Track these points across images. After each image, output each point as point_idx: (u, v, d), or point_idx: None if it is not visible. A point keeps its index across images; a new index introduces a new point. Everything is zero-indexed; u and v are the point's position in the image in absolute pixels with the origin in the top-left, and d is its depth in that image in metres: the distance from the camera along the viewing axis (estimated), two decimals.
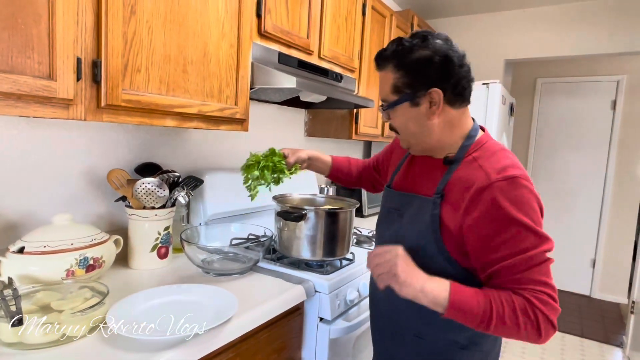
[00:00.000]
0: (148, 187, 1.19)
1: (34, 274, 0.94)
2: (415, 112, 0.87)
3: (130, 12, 0.94)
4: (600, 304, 3.78)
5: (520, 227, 0.75)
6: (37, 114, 0.81)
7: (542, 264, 0.75)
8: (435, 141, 0.90)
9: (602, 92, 3.86)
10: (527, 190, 0.77)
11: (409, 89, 0.85)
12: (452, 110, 0.87)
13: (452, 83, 0.84)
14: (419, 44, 0.84)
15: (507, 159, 0.82)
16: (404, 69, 0.85)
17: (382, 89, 0.92)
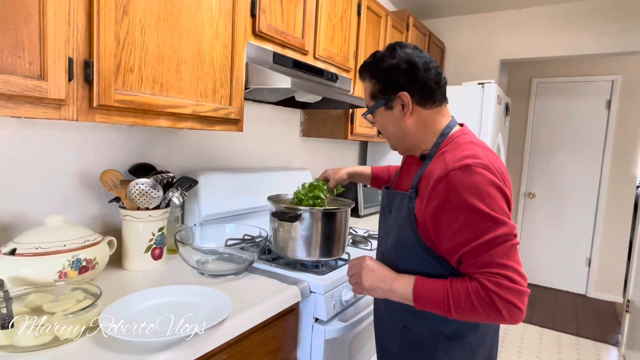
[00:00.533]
0: (142, 188, 1.19)
1: (25, 275, 0.93)
2: (390, 114, 0.97)
3: (122, 12, 0.93)
4: (595, 303, 3.79)
5: (473, 213, 0.79)
6: (29, 114, 0.80)
7: (499, 246, 0.78)
8: (412, 139, 0.98)
9: (597, 92, 3.88)
10: (482, 177, 0.80)
11: (382, 94, 0.96)
12: (424, 110, 0.95)
13: (419, 86, 0.93)
14: (388, 55, 0.95)
15: (469, 150, 0.86)
16: (376, 77, 0.96)
17: (364, 96, 1.03)
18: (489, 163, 0.83)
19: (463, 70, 3.44)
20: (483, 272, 0.78)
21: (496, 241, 0.78)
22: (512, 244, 0.79)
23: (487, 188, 0.80)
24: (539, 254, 4.20)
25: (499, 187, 0.81)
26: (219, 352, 0.93)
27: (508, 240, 0.79)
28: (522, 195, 4.25)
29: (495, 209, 0.79)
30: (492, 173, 0.82)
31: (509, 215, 0.82)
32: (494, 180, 0.81)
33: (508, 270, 0.77)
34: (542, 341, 2.94)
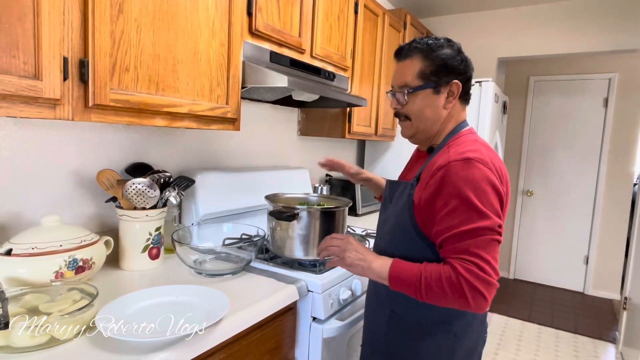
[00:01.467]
0: (138, 188, 1.18)
1: (22, 276, 0.93)
2: (434, 99, 0.97)
3: (117, 10, 0.93)
4: (593, 300, 3.81)
5: (463, 201, 0.83)
6: (23, 114, 0.79)
7: (478, 237, 0.81)
8: (437, 129, 1.00)
9: (595, 90, 3.89)
10: (479, 171, 0.84)
11: (434, 76, 0.96)
12: (459, 105, 1.00)
13: (466, 80, 0.98)
14: (446, 43, 0.97)
15: (472, 145, 0.90)
16: (433, 59, 0.96)
17: (403, 75, 0.99)
18: (488, 160, 0.87)
19: None
20: (458, 258, 0.81)
21: (477, 232, 0.81)
22: (492, 238, 0.82)
23: (481, 182, 0.83)
24: (536, 252, 4.20)
25: (493, 184, 0.84)
26: (216, 352, 0.93)
27: (489, 234, 0.81)
28: (519, 193, 4.25)
29: (484, 203, 0.82)
30: (490, 169, 0.85)
31: (498, 213, 0.84)
32: (490, 177, 0.84)
33: (482, 261, 0.80)
34: (540, 339, 2.95)
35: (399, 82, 1.01)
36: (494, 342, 2.85)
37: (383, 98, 2.43)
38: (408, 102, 1.00)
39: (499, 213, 0.84)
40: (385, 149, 2.82)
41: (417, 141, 1.07)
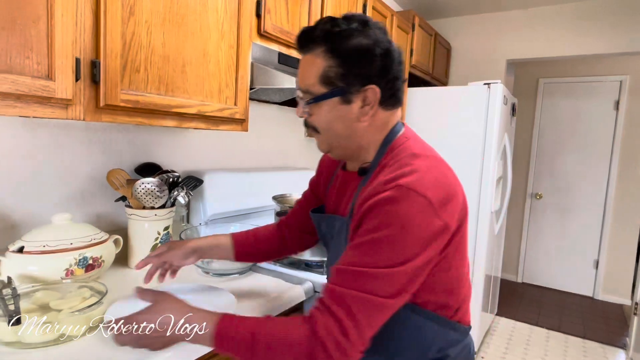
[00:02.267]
0: (147, 187, 1.20)
1: (33, 273, 0.95)
2: (345, 110, 0.74)
3: (129, 12, 0.94)
4: (603, 305, 3.76)
5: (377, 239, 0.64)
6: (37, 114, 0.81)
7: (368, 295, 0.62)
8: (357, 145, 0.79)
9: (605, 92, 3.85)
10: (409, 204, 0.63)
11: (342, 82, 0.72)
12: (383, 112, 0.77)
13: (390, 81, 0.74)
14: (359, 30, 0.71)
15: (407, 164, 0.69)
16: (339, 58, 0.71)
17: (305, 76, 0.76)
18: (427, 184, 0.66)
19: (469, 70, 3.42)
20: (328, 310, 0.63)
21: (372, 284, 0.62)
22: (382, 304, 0.63)
23: (401, 219, 0.63)
24: (545, 256, 4.16)
25: (425, 218, 0.64)
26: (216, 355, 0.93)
27: (382, 296, 0.62)
28: (528, 196, 4.22)
29: (403, 246, 0.63)
30: (425, 197, 0.64)
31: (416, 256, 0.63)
32: (421, 212, 0.63)
33: (355, 326, 0.61)
34: (549, 344, 2.92)
35: (302, 85, 0.78)
36: (502, 346, 2.83)
37: None
38: (312, 113, 0.78)
39: (417, 256, 0.64)
40: None
41: (337, 157, 0.85)
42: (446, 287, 0.75)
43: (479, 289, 2.56)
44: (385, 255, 0.63)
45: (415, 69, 2.76)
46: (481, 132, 2.47)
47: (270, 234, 1.06)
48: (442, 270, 0.72)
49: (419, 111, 2.69)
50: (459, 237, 0.72)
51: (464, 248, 0.77)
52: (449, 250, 0.71)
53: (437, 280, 0.72)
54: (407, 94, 2.67)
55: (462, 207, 0.72)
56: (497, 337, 2.96)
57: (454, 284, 0.76)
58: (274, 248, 1.05)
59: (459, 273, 0.77)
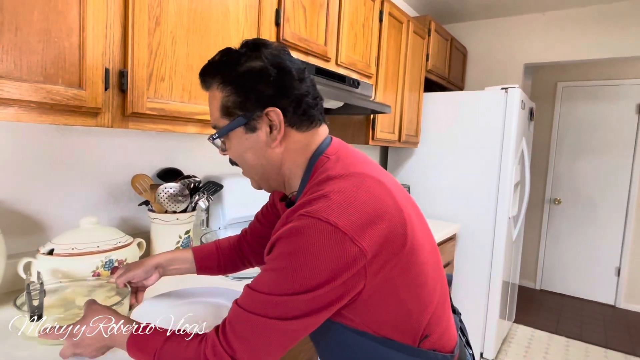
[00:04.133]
0: (170, 192, 1.23)
1: (62, 274, 0.98)
2: (252, 139, 0.72)
3: (155, 23, 0.98)
4: (625, 314, 3.66)
5: (275, 269, 0.62)
6: (68, 122, 0.85)
7: (264, 319, 0.61)
8: (278, 174, 0.76)
9: (626, 96, 3.77)
10: (308, 234, 0.59)
11: (241, 110, 0.70)
12: (298, 133, 0.72)
13: (293, 100, 0.70)
14: (248, 54, 0.70)
15: (316, 192, 0.65)
16: (231, 85, 0.70)
17: (211, 112, 0.75)
18: (334, 208, 0.61)
19: (486, 75, 3.40)
20: (222, 330, 0.63)
21: (266, 308, 0.61)
22: (278, 327, 0.60)
23: (313, 248, 0.59)
24: (564, 262, 4.08)
25: (334, 247, 0.59)
26: None
27: (274, 318, 0.60)
28: (547, 202, 4.15)
29: (306, 282, 0.59)
30: (329, 223, 0.59)
31: (316, 287, 0.59)
32: (328, 239, 0.59)
33: (243, 346, 0.61)
34: (569, 352, 2.86)
35: (211, 123, 0.76)
36: (520, 354, 2.78)
37: (407, 104, 2.43)
38: (227, 148, 0.76)
39: (322, 285, 0.59)
40: (409, 156, 2.81)
41: (269, 191, 0.83)
42: (401, 314, 0.68)
43: (496, 296, 2.53)
44: (285, 284, 0.60)
45: (431, 74, 2.76)
46: (498, 137, 2.45)
47: (231, 247, 1.04)
48: (387, 296, 0.65)
49: (435, 116, 2.68)
50: (402, 258, 0.65)
51: (420, 268, 0.68)
52: (387, 274, 0.64)
53: (384, 306, 0.66)
54: (423, 98, 2.67)
55: (394, 226, 0.64)
56: (515, 345, 2.92)
57: (411, 309, 0.68)
58: (234, 262, 1.03)
59: (417, 297, 0.68)
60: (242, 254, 1.03)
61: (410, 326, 0.69)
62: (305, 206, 0.63)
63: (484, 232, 2.53)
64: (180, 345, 0.64)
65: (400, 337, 0.69)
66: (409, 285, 0.67)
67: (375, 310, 0.66)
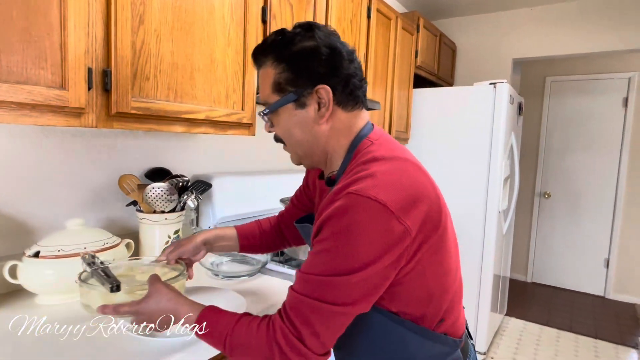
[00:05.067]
0: (158, 192, 1.22)
1: (48, 277, 0.97)
2: (301, 115, 0.74)
3: (138, 21, 0.96)
4: (614, 304, 3.72)
5: (327, 249, 0.64)
6: (51, 122, 0.84)
7: (323, 304, 0.63)
8: (322, 151, 0.78)
9: (614, 90, 3.81)
10: (357, 211, 0.62)
11: (292, 86, 0.73)
12: (343, 112, 0.76)
13: (342, 79, 0.73)
14: (302, 34, 0.73)
15: (367, 170, 0.68)
16: (285, 63, 0.73)
17: (262, 90, 0.78)
18: (381, 187, 0.63)
19: (475, 70, 3.42)
20: (287, 319, 0.65)
21: (325, 294, 0.63)
22: (339, 312, 0.63)
23: (363, 226, 0.61)
24: (555, 255, 4.13)
25: (382, 224, 0.62)
26: None
27: (339, 304, 0.62)
28: (537, 195, 4.19)
29: (352, 258, 0.62)
30: (383, 205, 0.61)
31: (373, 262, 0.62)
32: (376, 216, 0.61)
33: (311, 334, 0.63)
34: (559, 343, 2.90)
35: (261, 99, 0.79)
36: (512, 347, 2.82)
37: (396, 101, 2.44)
38: (275, 124, 0.79)
39: (374, 262, 0.62)
40: None
41: (309, 167, 0.85)
42: (423, 297, 0.71)
43: (487, 289, 2.55)
44: (340, 263, 0.62)
45: (421, 70, 2.76)
46: (488, 132, 2.46)
47: (272, 227, 1.09)
48: (416, 277, 0.68)
49: (425, 112, 2.69)
50: (434, 243, 0.68)
51: (446, 255, 0.72)
52: (421, 256, 0.67)
53: (410, 287, 0.69)
54: (412, 95, 2.67)
55: (433, 210, 0.68)
56: (507, 338, 2.95)
57: (433, 293, 0.71)
58: (275, 241, 1.09)
59: (440, 282, 0.72)
60: (282, 234, 1.08)
61: (430, 310, 0.72)
62: (352, 185, 0.65)
63: (475, 226, 2.55)
64: (250, 331, 0.67)
65: (419, 320, 0.72)
66: (436, 270, 0.70)
67: (402, 291, 0.69)
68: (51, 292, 1.00)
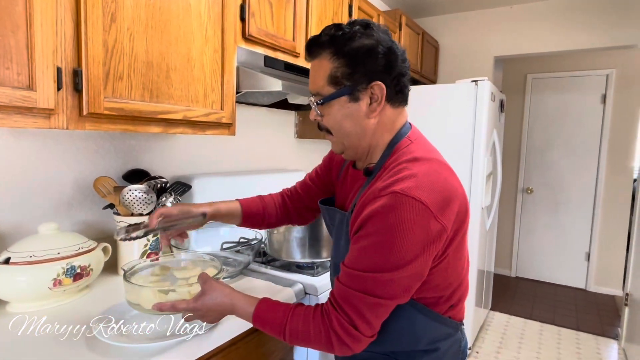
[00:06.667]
0: (135, 194, 1.19)
1: (20, 284, 0.94)
2: (353, 108, 0.78)
3: (110, 19, 0.94)
4: (595, 297, 3.80)
5: (377, 243, 0.69)
6: (18, 124, 0.81)
7: (369, 297, 0.70)
8: (367, 145, 0.82)
9: (592, 86, 3.89)
10: (402, 210, 0.67)
11: (348, 80, 0.76)
12: (391, 109, 0.80)
13: (395, 78, 0.77)
14: (361, 31, 0.76)
15: (407, 169, 0.73)
16: (344, 58, 0.76)
17: (314, 80, 0.81)
18: (425, 189, 0.69)
19: (458, 68, 3.44)
20: (339, 308, 0.72)
21: (372, 288, 0.69)
22: (385, 304, 0.70)
23: (402, 226, 0.67)
24: (537, 250, 4.20)
25: (422, 225, 0.67)
26: (213, 356, 0.93)
27: (385, 298, 0.70)
28: (519, 191, 4.25)
29: (400, 251, 0.67)
30: (423, 203, 0.67)
31: (415, 259, 0.68)
32: (418, 218, 0.67)
33: (362, 320, 0.71)
34: (542, 336, 2.95)
35: (313, 89, 0.82)
36: (496, 341, 2.85)
37: None
38: (324, 114, 0.82)
39: (415, 259, 0.68)
40: None
41: (350, 158, 0.88)
42: (443, 286, 0.78)
43: (472, 285, 2.58)
44: (385, 260, 0.68)
45: None
46: (470, 129, 2.48)
47: (276, 203, 1.12)
48: (441, 270, 0.76)
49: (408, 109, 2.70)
50: (459, 239, 0.76)
51: (464, 249, 0.81)
52: (449, 251, 0.74)
53: (434, 279, 0.76)
54: None
55: (461, 209, 0.75)
56: (492, 332, 2.99)
57: (451, 283, 0.80)
58: (278, 217, 1.12)
59: (457, 273, 0.80)
60: (287, 210, 1.12)
61: (444, 297, 0.80)
62: (396, 184, 0.70)
63: None
64: (307, 320, 0.74)
65: (432, 305, 0.80)
66: (457, 263, 0.79)
67: (427, 281, 0.75)
68: (23, 299, 0.97)
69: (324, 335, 0.72)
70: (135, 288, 0.84)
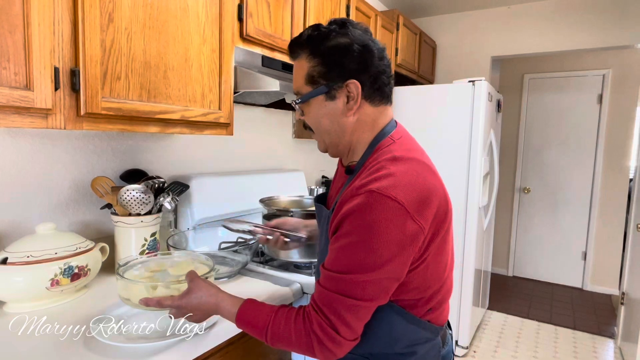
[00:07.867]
0: (133, 194, 1.19)
1: (17, 284, 0.94)
2: (330, 106, 0.79)
3: (108, 19, 0.94)
4: (592, 296, 3.82)
5: (348, 246, 0.68)
6: (16, 124, 0.81)
7: (349, 299, 0.69)
8: (347, 142, 0.82)
9: (589, 87, 3.90)
10: (377, 210, 0.66)
11: (324, 79, 0.78)
12: (370, 107, 0.80)
13: (372, 75, 0.77)
14: (337, 30, 0.77)
15: (386, 168, 0.72)
16: (320, 57, 0.77)
17: (296, 79, 0.83)
18: (403, 189, 0.68)
19: (455, 68, 3.45)
20: (319, 311, 0.71)
21: (352, 289, 0.68)
22: (364, 306, 0.69)
23: (383, 224, 0.66)
24: (534, 249, 4.22)
25: (399, 223, 0.66)
26: (211, 356, 0.94)
27: (364, 300, 0.69)
28: (516, 191, 4.27)
29: (378, 251, 0.66)
30: (400, 203, 0.66)
31: (391, 259, 0.67)
32: (394, 217, 0.66)
33: (342, 323, 0.70)
34: (539, 335, 2.96)
35: (294, 88, 0.84)
36: (493, 340, 2.86)
37: None
38: (305, 113, 0.83)
39: (393, 259, 0.67)
40: None
41: (333, 155, 0.88)
42: (422, 288, 0.76)
43: (469, 284, 2.59)
44: (362, 261, 0.67)
45: (401, 68, 2.78)
46: (467, 129, 2.49)
47: None
48: (420, 272, 0.74)
49: (405, 110, 2.71)
50: (439, 240, 0.74)
51: (445, 251, 0.78)
52: (428, 252, 0.73)
53: (413, 280, 0.74)
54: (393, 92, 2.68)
55: (441, 210, 0.73)
56: (489, 331, 3.00)
57: (431, 285, 0.77)
58: None
59: (437, 275, 0.78)
60: None
61: (423, 300, 0.78)
62: (373, 182, 0.69)
63: (455, 222, 2.58)
64: (288, 322, 0.73)
65: (409, 307, 0.78)
66: (437, 265, 0.77)
67: (405, 283, 0.74)
68: (21, 299, 0.97)
69: (304, 338, 0.71)
70: (125, 282, 0.84)
